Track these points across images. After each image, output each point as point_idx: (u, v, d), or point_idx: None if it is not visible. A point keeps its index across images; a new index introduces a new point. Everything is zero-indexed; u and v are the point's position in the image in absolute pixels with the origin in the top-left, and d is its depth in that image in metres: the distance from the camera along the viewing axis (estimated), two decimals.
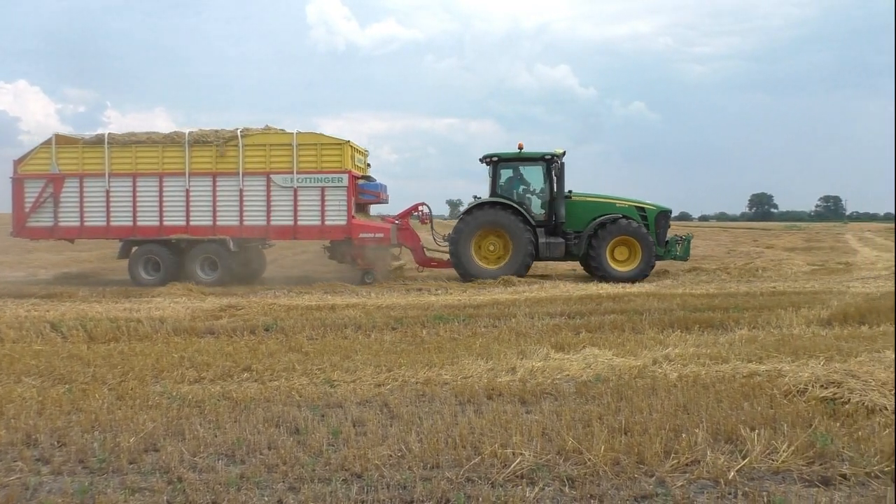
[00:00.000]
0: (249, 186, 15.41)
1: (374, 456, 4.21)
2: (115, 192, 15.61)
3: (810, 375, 5.58)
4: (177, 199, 15.54)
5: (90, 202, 15.65)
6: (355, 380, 6.23)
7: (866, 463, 3.98)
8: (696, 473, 3.94)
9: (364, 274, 15.62)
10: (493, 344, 7.68)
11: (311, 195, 15.36)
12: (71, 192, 15.66)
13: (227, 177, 15.42)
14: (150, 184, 15.54)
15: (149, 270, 15.49)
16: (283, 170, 15.37)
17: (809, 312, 9.52)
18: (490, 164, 16.32)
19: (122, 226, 15.67)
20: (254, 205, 15.43)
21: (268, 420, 5.01)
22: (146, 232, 15.59)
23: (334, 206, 15.35)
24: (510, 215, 15.55)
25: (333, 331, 8.76)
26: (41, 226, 15.83)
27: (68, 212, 15.69)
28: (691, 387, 5.66)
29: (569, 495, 3.72)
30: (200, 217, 15.50)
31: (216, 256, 15.33)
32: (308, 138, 15.45)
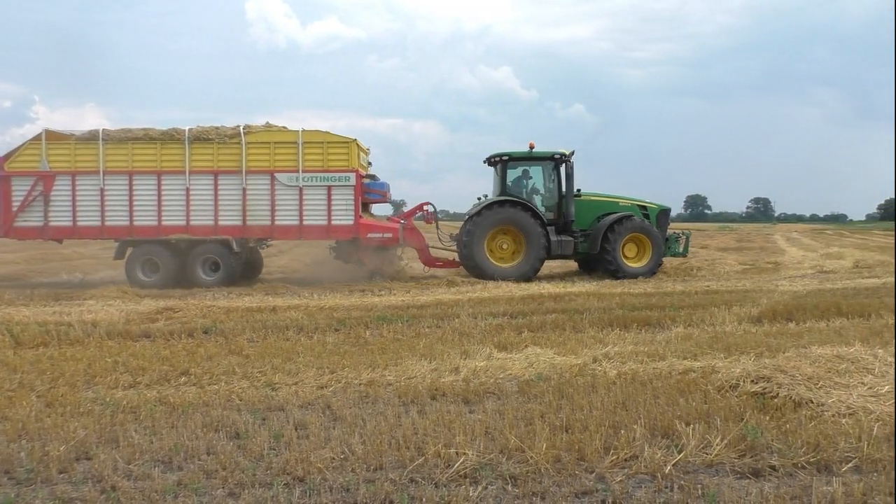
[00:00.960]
0: (253, 185, 14.98)
1: (316, 459, 4.16)
2: (111, 191, 14.88)
3: (742, 371, 5.79)
4: (176, 198, 14.93)
5: (83, 201, 14.88)
6: (297, 382, 6.15)
7: (793, 454, 4.15)
8: (635, 468, 4.04)
9: (372, 274, 15.46)
10: (437, 344, 7.70)
11: (318, 194, 15.04)
12: (62, 190, 14.84)
13: (229, 175, 14.94)
14: (147, 182, 14.91)
15: (146, 272, 14.83)
16: (288, 168, 14.97)
17: (741, 310, 9.87)
18: (499, 163, 16.41)
19: (117, 225, 14.95)
20: (257, 204, 15.01)
21: (207, 425, 4.90)
22: (144, 232, 14.90)
23: (341, 205, 15.06)
24: (524, 214, 15.59)
25: (275, 333, 8.63)
26: (30, 226, 14.97)
27: (60, 211, 14.87)
28: (630, 384, 5.80)
29: (511, 493, 3.76)
30: (201, 216, 14.94)
31: (219, 257, 14.83)
32: (314, 136, 15.13)
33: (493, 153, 16.58)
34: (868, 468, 4.00)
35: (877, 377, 5.53)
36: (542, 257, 15.66)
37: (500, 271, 15.36)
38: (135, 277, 14.69)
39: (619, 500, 3.66)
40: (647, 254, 16.00)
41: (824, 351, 6.08)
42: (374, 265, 15.60)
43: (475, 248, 15.42)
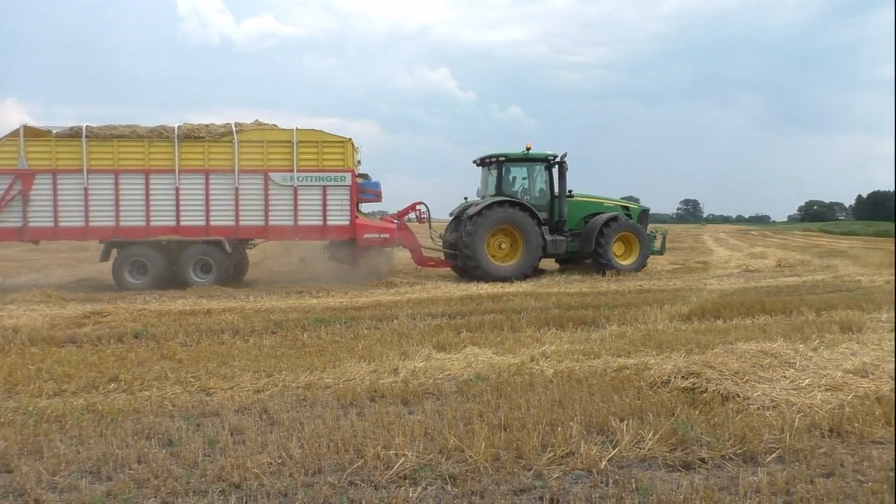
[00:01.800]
0: (246, 185, 14.63)
1: (253, 464, 4.08)
2: (95, 190, 14.21)
3: (673, 367, 5.97)
4: (165, 198, 14.41)
5: (65, 201, 14.17)
6: (233, 386, 6.02)
7: (721, 447, 4.31)
8: (571, 465, 4.11)
9: (369, 274, 15.41)
10: (376, 346, 7.67)
11: (313, 194, 14.84)
12: (42, 189, 14.07)
13: (221, 174, 14.54)
14: (134, 181, 14.30)
15: (135, 274, 14.29)
16: (282, 168, 14.72)
17: (672, 308, 10.19)
18: (493, 164, 16.74)
19: (102, 226, 14.31)
20: (251, 204, 14.68)
21: (137, 433, 4.74)
22: (131, 233, 14.34)
23: (336, 205, 14.92)
24: (523, 214, 15.93)
25: (209, 336, 8.42)
26: (6, 227, 14.11)
27: (40, 211, 14.10)
28: (566, 382, 5.91)
29: (451, 493, 3.78)
30: (192, 216, 14.49)
31: (211, 258, 14.48)
32: (308, 135, 14.90)
33: (488, 154, 17.01)
34: (790, 458, 4.19)
35: (798, 371, 5.81)
36: (539, 256, 16.13)
37: (500, 270, 15.68)
38: (122, 280, 14.26)
39: (557, 496, 3.73)
40: (634, 251, 16.92)
41: (749, 347, 6.34)
42: (370, 265, 15.61)
43: (477, 248, 15.61)
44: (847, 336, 7.79)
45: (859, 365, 6.08)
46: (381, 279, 15.16)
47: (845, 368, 5.96)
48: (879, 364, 6.13)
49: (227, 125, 14.70)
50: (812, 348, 6.79)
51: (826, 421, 4.73)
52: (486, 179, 17.41)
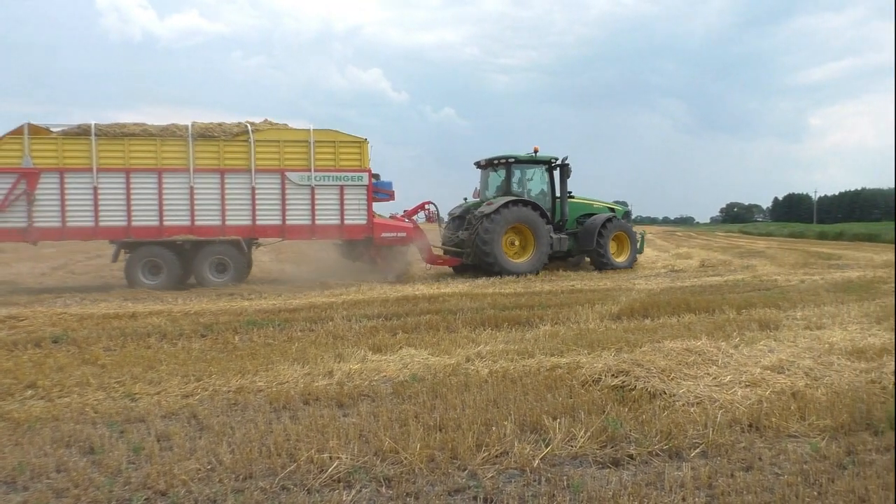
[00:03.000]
0: (262, 184, 14.62)
1: (180, 471, 3.97)
2: (105, 190, 13.82)
3: (603, 366, 6.12)
4: (179, 197, 14.19)
5: (74, 200, 13.71)
6: (160, 392, 5.83)
7: (649, 443, 4.44)
8: (505, 464, 4.16)
9: (386, 272, 15.67)
10: (310, 348, 7.57)
11: (330, 194, 15.03)
12: (49, 188, 13.57)
13: (236, 173, 14.46)
14: (146, 180, 14.01)
15: (148, 274, 14.09)
16: (299, 167, 14.80)
17: (602, 308, 10.43)
18: (501, 165, 17.73)
19: (113, 226, 13.95)
20: (267, 203, 14.68)
21: (56, 441, 4.54)
22: (143, 233, 14.07)
23: (353, 204, 15.16)
24: (535, 213, 16.89)
25: (135, 340, 8.13)
26: (10, 227, 13.56)
27: (46, 211, 13.59)
28: (501, 381, 5.97)
29: (385, 495, 3.77)
30: (207, 216, 14.37)
31: (228, 258, 14.50)
32: (325, 135, 15.04)
33: (494, 155, 17.91)
34: (713, 452, 4.36)
35: (720, 368, 6.04)
36: (548, 253, 17.15)
37: (516, 266, 16.55)
38: (136, 280, 14.03)
39: (491, 495, 3.76)
40: (625, 250, 18.57)
41: (675, 345, 6.56)
42: (387, 264, 15.89)
43: (495, 245, 16.30)
44: (765, 334, 8.16)
45: (776, 361, 6.37)
46: (398, 277, 15.69)
47: (763, 365, 6.24)
48: (795, 360, 6.44)
49: (240, 124, 14.70)
50: (733, 346, 7.08)
51: (745, 416, 4.94)
52: (487, 180, 18.42)
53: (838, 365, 6.36)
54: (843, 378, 5.96)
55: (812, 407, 5.10)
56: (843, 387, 5.68)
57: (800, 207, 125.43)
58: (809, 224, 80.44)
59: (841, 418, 4.84)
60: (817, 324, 8.88)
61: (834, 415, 4.91)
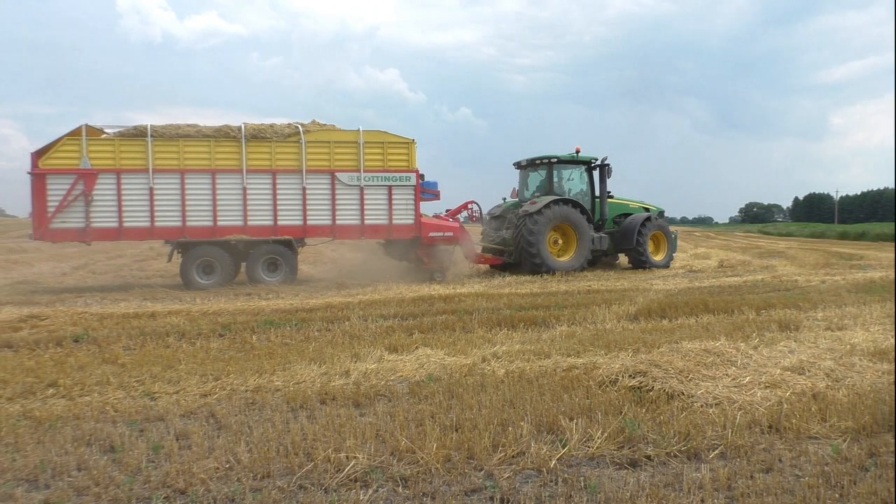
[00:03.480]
0: (313, 184, 14.92)
1: (199, 470, 4.00)
2: (160, 190, 14.10)
3: (620, 366, 6.08)
4: (232, 198, 14.48)
5: (130, 201, 13.99)
6: (178, 391, 5.88)
7: (666, 444, 4.41)
8: (522, 464, 4.15)
9: (433, 272, 15.91)
10: (327, 348, 7.60)
11: (379, 194, 15.33)
12: (106, 189, 13.83)
13: (288, 174, 14.74)
14: (201, 181, 14.29)
15: (202, 274, 14.38)
16: (349, 168, 15.10)
17: (619, 308, 10.38)
18: (542, 165, 18.10)
19: (168, 226, 14.20)
20: (318, 203, 14.99)
21: (78, 439, 4.59)
22: (197, 233, 14.32)
23: (402, 205, 15.47)
24: (577, 212, 17.28)
25: (154, 339, 8.21)
26: (69, 227, 13.75)
27: (103, 211, 13.85)
28: (517, 382, 5.96)
29: (402, 495, 3.77)
30: (260, 216, 14.65)
31: (281, 257, 14.78)
32: (374, 136, 15.30)
33: (535, 156, 18.25)
34: (732, 454, 4.31)
35: (739, 369, 5.99)
36: (590, 251, 17.58)
37: (561, 264, 16.99)
38: (191, 280, 14.27)
39: (507, 496, 3.76)
40: (662, 249, 19.00)
41: (693, 345, 6.51)
42: (435, 263, 16.10)
43: (540, 243, 16.65)
44: (785, 335, 8.07)
45: (796, 363, 6.30)
46: (444, 277, 15.92)
47: (783, 366, 6.17)
48: (815, 362, 6.36)
49: (290, 125, 14.96)
50: (752, 347, 7.01)
51: (765, 417, 4.89)
52: (527, 180, 18.81)
53: (860, 366, 6.28)
54: (864, 379, 5.88)
55: (833, 408, 5.04)
56: (865, 388, 5.61)
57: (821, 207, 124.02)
58: (831, 224, 79.48)
59: (863, 420, 4.77)
60: (838, 325, 8.77)
61: (856, 416, 4.85)
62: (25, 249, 26.46)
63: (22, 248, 26.87)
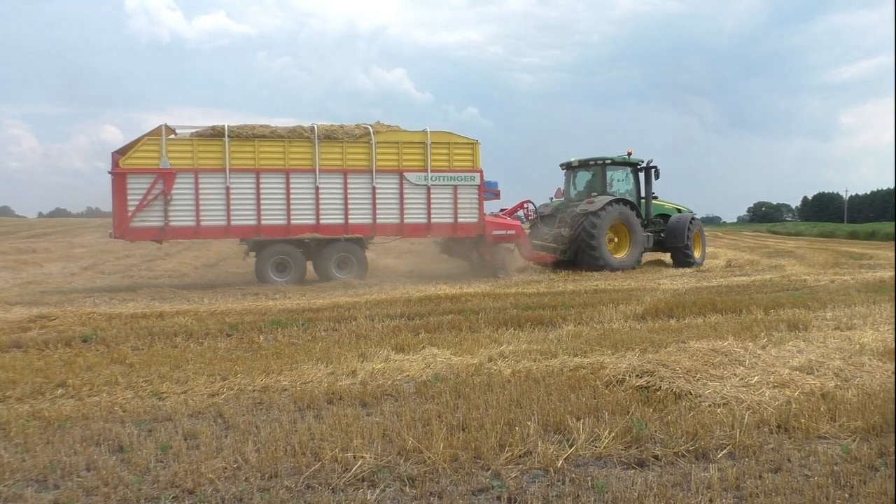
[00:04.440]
0: (382, 184, 15.34)
1: (207, 469, 4.01)
2: (236, 189, 14.44)
3: (627, 366, 6.06)
4: (305, 197, 14.89)
5: (207, 200, 14.33)
6: (186, 391, 5.90)
7: (674, 444, 4.39)
8: (529, 464, 4.15)
9: (496, 269, 16.40)
10: (334, 347, 7.61)
11: (445, 193, 15.75)
12: (184, 189, 14.16)
13: (358, 174, 15.17)
14: (275, 180, 14.67)
15: (277, 272, 14.86)
16: (416, 168, 15.52)
17: (626, 308, 10.35)
18: (595, 166, 18.70)
19: (244, 225, 14.58)
20: (387, 202, 15.41)
21: (86, 439, 4.61)
22: (272, 231, 14.72)
23: (466, 204, 15.90)
24: (632, 212, 17.97)
25: (162, 339, 8.24)
26: (149, 226, 14.10)
27: (182, 210, 14.18)
28: (524, 382, 5.95)
29: (409, 494, 3.78)
30: (331, 215, 15.07)
31: (351, 255, 15.26)
32: (440, 137, 15.74)
33: (587, 157, 18.88)
34: (740, 454, 4.30)
35: (747, 368, 5.96)
36: (643, 250, 18.30)
37: (618, 262, 17.60)
38: (266, 277, 14.66)
39: (514, 495, 3.75)
40: (698, 248, 19.72)
41: (701, 345, 6.49)
42: (498, 260, 16.63)
43: (601, 241, 17.26)
44: (794, 334, 8.03)
45: (805, 362, 6.26)
46: (507, 273, 16.40)
47: (792, 366, 6.14)
48: (824, 361, 6.33)
49: (359, 126, 15.30)
50: (761, 346, 6.98)
51: (774, 417, 4.87)
52: (573, 180, 19.47)
53: (869, 366, 6.24)
54: (874, 379, 5.84)
55: (842, 408, 5.01)
56: (875, 388, 5.57)
57: (830, 207, 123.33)
58: (840, 223, 79.03)
59: (872, 420, 4.74)
60: (848, 324, 8.72)
61: (865, 416, 4.82)
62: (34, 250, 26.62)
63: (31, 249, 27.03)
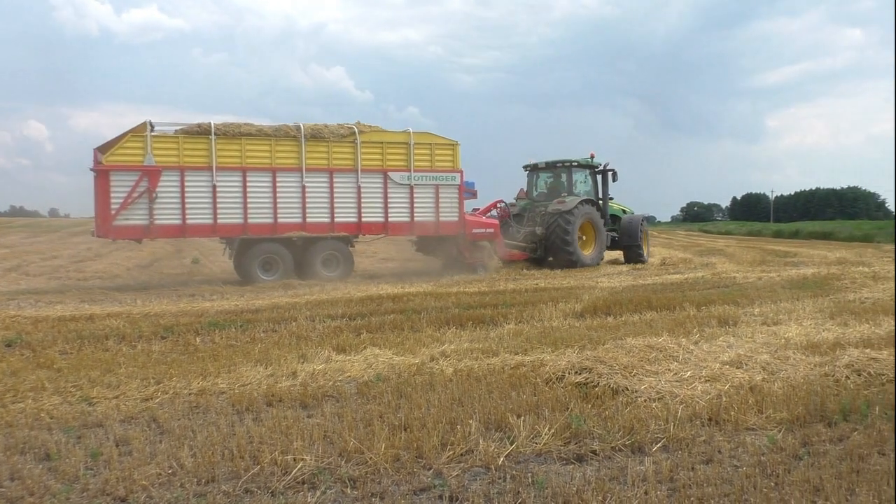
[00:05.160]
0: (367, 183, 15.54)
1: (140, 476, 3.89)
2: (223, 188, 14.28)
3: (567, 363, 6.17)
4: (292, 196, 14.88)
5: (193, 198, 14.07)
6: (118, 395, 5.71)
7: (612, 439, 4.50)
8: (470, 462, 4.18)
9: (476, 266, 16.93)
10: (273, 349, 7.49)
11: (427, 193, 16.12)
12: (169, 186, 13.86)
13: (343, 173, 15.32)
14: (262, 179, 14.60)
15: (264, 270, 14.77)
16: (400, 167, 15.80)
17: (566, 306, 10.53)
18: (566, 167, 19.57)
19: (231, 223, 14.44)
20: (372, 201, 15.63)
21: (10, 447, 4.41)
22: (259, 230, 14.64)
23: (448, 203, 16.34)
24: (597, 212, 19.06)
25: (92, 343, 7.94)
26: (133, 224, 13.75)
27: (167, 209, 13.89)
28: (465, 380, 5.99)
29: (350, 496, 3.75)
30: (318, 214, 15.13)
31: (338, 253, 15.39)
32: (422, 137, 16.09)
33: (553, 159, 19.78)
34: (674, 447, 4.43)
35: (681, 364, 6.15)
36: (605, 248, 19.43)
37: (587, 259, 18.57)
38: (253, 276, 14.53)
39: (456, 493, 3.77)
40: (646, 246, 21.05)
41: (637, 342, 6.66)
42: (477, 258, 17.15)
43: (574, 239, 18.16)
44: (724, 330, 8.33)
45: (734, 357, 6.51)
46: (487, 270, 17.00)
47: (722, 360, 6.37)
48: (752, 356, 6.59)
49: (343, 126, 15.46)
50: (693, 342, 7.21)
51: (705, 410, 5.04)
52: (536, 181, 20.28)
53: (794, 359, 6.52)
54: (798, 372, 6.11)
55: (769, 400, 5.23)
56: (799, 380, 5.83)
57: (757, 207, 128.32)
58: (766, 223, 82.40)
59: (796, 411, 4.96)
60: (774, 319, 9.10)
61: (790, 407, 5.04)
62: None
63: None
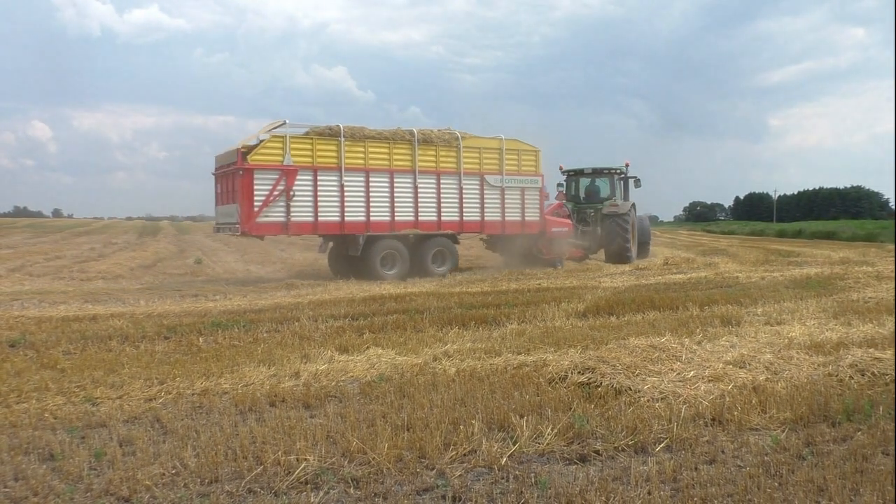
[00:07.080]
0: (467, 185, 16.97)
1: (144, 476, 3.90)
2: (350, 187, 15.38)
3: (570, 363, 6.17)
4: (406, 196, 16.06)
5: (324, 197, 15.16)
6: (122, 396, 5.72)
7: (615, 439, 4.50)
8: (473, 462, 4.18)
9: (553, 261, 18.67)
10: (276, 349, 7.49)
11: (515, 195, 17.80)
12: (304, 185, 14.92)
13: (448, 175, 16.68)
14: (381, 179, 15.74)
15: (386, 266, 15.75)
16: (493, 171, 17.39)
17: (569, 306, 10.53)
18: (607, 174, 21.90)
19: (356, 221, 15.50)
20: (471, 202, 17.07)
21: (15, 448, 4.42)
22: (379, 227, 15.72)
23: (531, 204, 18.12)
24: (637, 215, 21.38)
25: (95, 343, 7.96)
26: (273, 221, 14.75)
27: (301, 206, 14.93)
28: (468, 380, 5.99)
29: (353, 496, 3.75)
30: (428, 213, 16.36)
31: (446, 249, 16.72)
32: (511, 144, 17.77)
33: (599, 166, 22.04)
34: (677, 447, 4.43)
35: (684, 364, 6.15)
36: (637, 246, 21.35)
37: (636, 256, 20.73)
38: (377, 272, 15.48)
39: (459, 493, 3.77)
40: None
41: (640, 342, 6.65)
42: (555, 254, 18.88)
43: (630, 239, 20.34)
44: (727, 329, 8.32)
45: (738, 357, 6.50)
46: (563, 264, 18.89)
47: (725, 360, 6.36)
48: (755, 355, 6.58)
49: (446, 131, 16.90)
50: (696, 342, 7.21)
51: (709, 410, 5.04)
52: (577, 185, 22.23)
53: (797, 359, 6.51)
54: (801, 372, 6.10)
55: (772, 400, 5.22)
56: (802, 380, 5.82)
57: (760, 206, 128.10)
58: (769, 222, 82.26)
59: (800, 411, 4.95)
60: (777, 319, 9.09)
61: (793, 407, 5.03)
62: None
63: None
